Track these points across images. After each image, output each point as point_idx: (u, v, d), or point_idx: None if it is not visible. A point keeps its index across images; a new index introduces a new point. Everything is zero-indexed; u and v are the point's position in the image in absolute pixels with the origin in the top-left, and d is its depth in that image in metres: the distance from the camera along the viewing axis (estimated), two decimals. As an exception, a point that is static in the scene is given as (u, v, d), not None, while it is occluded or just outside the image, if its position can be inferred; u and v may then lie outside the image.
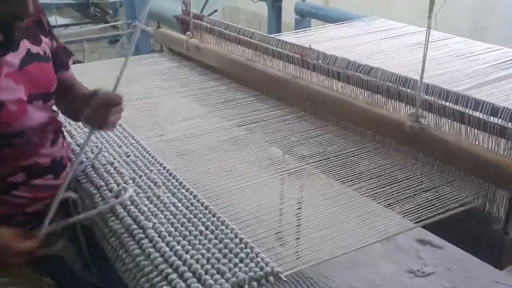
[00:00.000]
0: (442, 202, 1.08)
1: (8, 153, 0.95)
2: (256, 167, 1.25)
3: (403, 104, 1.27)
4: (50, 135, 1.03)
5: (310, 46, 1.56)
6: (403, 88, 1.26)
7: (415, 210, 1.06)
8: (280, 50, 1.59)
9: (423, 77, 1.18)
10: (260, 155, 1.30)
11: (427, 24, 1.13)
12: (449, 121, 1.17)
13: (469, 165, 1.11)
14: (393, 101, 1.29)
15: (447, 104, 1.17)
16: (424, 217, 1.04)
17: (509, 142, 1.06)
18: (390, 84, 1.28)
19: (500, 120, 1.07)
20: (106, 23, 3.67)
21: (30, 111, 0.96)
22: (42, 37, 1.02)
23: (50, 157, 1.03)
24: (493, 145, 1.09)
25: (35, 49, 0.99)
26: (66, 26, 4.29)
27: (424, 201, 1.08)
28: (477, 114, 1.11)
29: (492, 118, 1.09)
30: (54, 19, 4.24)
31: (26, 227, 0.99)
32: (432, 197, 1.10)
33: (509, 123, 1.05)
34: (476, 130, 1.11)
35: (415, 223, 1.04)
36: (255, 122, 1.47)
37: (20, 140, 0.96)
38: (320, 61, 1.46)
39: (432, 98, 1.19)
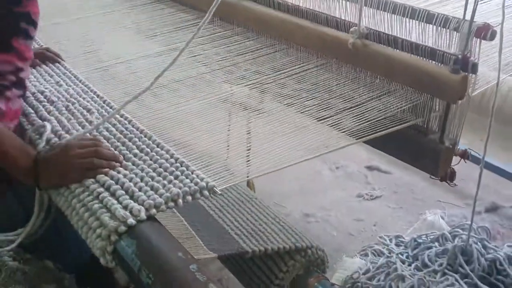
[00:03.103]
0: (383, 115, 1.10)
1: (19, 43, 0.97)
2: (196, 89, 1.24)
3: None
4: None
5: None
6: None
7: (358, 124, 1.07)
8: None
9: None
10: (205, 83, 1.28)
11: None
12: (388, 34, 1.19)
13: (408, 77, 1.13)
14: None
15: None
16: (366, 132, 1.07)
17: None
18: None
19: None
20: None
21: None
22: None
23: (28, 74, 1.04)
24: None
25: None
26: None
27: (367, 118, 1.10)
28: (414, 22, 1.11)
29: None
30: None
31: None
32: (374, 112, 1.12)
33: (443, 29, 1.07)
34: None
35: (357, 138, 1.06)
36: (199, 45, 1.44)
37: (33, 32, 1.00)
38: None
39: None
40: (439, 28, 1.09)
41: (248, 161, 0.99)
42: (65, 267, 1.06)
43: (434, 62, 1.10)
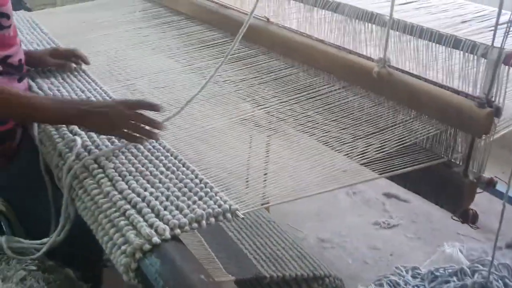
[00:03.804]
0: (407, 146, 1.11)
1: None
2: (223, 116, 1.25)
3: (371, 48, 1.28)
4: (15, 31, 1.12)
5: None
6: (372, 25, 1.26)
7: (382, 155, 1.08)
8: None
9: (392, 17, 1.18)
10: (228, 104, 1.30)
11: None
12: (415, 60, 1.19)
13: (432, 109, 1.13)
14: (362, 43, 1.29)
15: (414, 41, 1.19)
16: (389, 166, 1.07)
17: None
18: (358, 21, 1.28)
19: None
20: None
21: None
22: None
23: (19, 56, 1.12)
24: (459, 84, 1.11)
25: None
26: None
27: (391, 148, 1.11)
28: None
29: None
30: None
31: None
32: (397, 142, 1.12)
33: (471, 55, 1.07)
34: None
35: (380, 173, 1.06)
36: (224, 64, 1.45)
37: (6, 22, 1.06)
38: None
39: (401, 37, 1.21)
40: (466, 54, 1.10)
41: (266, 186, 1.00)
42: (82, 276, 1.08)
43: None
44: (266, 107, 1.28)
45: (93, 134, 1.02)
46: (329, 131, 1.16)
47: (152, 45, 1.64)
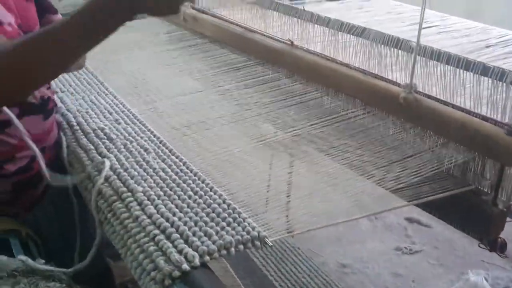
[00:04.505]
0: (434, 173, 1.09)
1: None
2: (246, 139, 1.25)
3: (397, 72, 1.27)
4: None
5: (303, 8, 1.57)
6: (398, 51, 1.26)
7: (408, 181, 1.07)
8: (276, 12, 1.60)
9: (419, 43, 1.18)
10: (251, 127, 1.30)
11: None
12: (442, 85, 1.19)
13: (461, 136, 1.12)
14: (387, 67, 1.29)
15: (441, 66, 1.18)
16: (416, 193, 1.06)
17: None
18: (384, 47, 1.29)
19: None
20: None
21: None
22: None
23: (40, 94, 1.04)
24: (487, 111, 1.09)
25: None
26: None
27: (417, 175, 1.09)
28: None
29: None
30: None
31: (17, 177, 1.01)
32: (424, 169, 1.11)
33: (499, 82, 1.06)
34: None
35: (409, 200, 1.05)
36: (248, 88, 1.48)
37: None
38: (314, 23, 1.47)
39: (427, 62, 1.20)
40: (494, 80, 1.09)
41: (294, 212, 0.99)
42: None
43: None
44: (290, 131, 1.28)
45: (121, 157, 1.03)
46: (355, 157, 1.16)
47: (178, 67, 1.67)
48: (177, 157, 1.06)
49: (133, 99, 1.40)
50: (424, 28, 1.47)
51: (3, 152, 1.00)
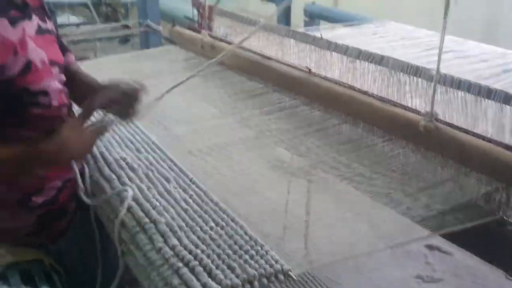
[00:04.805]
0: (457, 202, 1.08)
1: (34, 113, 0.99)
2: (264, 166, 1.26)
3: (417, 99, 1.27)
4: (66, 102, 1.08)
5: (321, 35, 1.58)
6: (418, 78, 1.26)
7: (430, 212, 1.06)
8: (294, 40, 1.61)
9: (439, 72, 1.18)
10: (269, 153, 1.30)
11: (440, 26, 1.14)
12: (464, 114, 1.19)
13: (484, 165, 1.10)
14: (406, 94, 1.30)
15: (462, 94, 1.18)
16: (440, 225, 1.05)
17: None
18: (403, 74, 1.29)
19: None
20: (117, 22, 3.70)
21: (54, 74, 1.02)
22: (46, 19, 1.09)
23: None
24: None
25: (43, 25, 1.06)
26: (78, 25, 4.32)
27: (440, 205, 1.08)
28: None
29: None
30: (66, 17, 4.27)
31: (42, 209, 1.02)
32: (446, 199, 1.10)
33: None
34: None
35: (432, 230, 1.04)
36: (266, 115, 1.48)
37: (44, 99, 1.00)
38: (332, 50, 1.48)
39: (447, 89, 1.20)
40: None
41: (316, 244, 0.98)
42: None
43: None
44: (309, 159, 1.28)
45: (144, 187, 1.03)
46: (376, 186, 1.15)
47: (196, 94, 1.68)
48: (197, 187, 1.06)
49: (153, 126, 1.42)
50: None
51: (32, 183, 1.02)
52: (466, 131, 1.17)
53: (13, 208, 1.03)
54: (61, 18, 4.50)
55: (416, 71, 1.28)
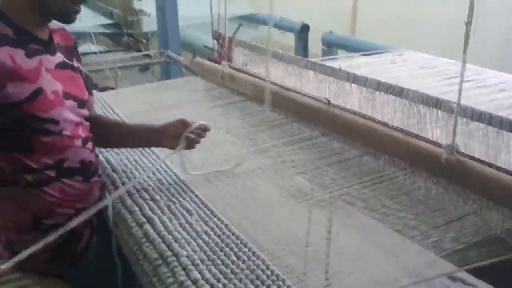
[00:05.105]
0: (481, 237, 1.07)
1: (43, 141, 1.01)
2: (285, 196, 1.26)
3: (438, 130, 1.27)
4: (81, 134, 1.10)
5: (340, 67, 1.59)
6: (438, 110, 1.26)
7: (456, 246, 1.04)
8: (313, 71, 1.63)
9: (460, 105, 1.18)
10: (289, 184, 1.31)
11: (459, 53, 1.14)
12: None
13: (507, 199, 1.09)
14: (427, 125, 1.29)
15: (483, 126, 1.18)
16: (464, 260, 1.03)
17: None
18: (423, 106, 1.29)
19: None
20: (139, 51, 3.79)
21: (66, 105, 1.05)
22: (74, 59, 1.14)
23: (80, 157, 1.09)
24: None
25: (69, 62, 1.11)
26: (100, 53, 4.44)
27: (465, 238, 1.07)
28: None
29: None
30: (88, 47, 4.39)
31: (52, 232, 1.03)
32: (471, 232, 1.08)
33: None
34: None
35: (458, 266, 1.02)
36: (286, 146, 1.49)
37: (54, 127, 1.03)
38: (351, 82, 1.49)
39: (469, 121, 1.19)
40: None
41: (339, 278, 0.97)
42: None
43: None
44: (332, 190, 1.27)
45: (165, 219, 1.04)
46: (398, 219, 1.14)
47: (215, 124, 1.70)
48: (219, 219, 1.07)
49: (174, 155, 1.43)
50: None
51: (42, 208, 1.04)
52: (489, 164, 1.16)
53: (27, 233, 1.05)
54: (83, 47, 4.64)
55: (436, 103, 1.28)
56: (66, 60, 1.10)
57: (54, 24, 1.09)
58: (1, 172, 1.00)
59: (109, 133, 1.25)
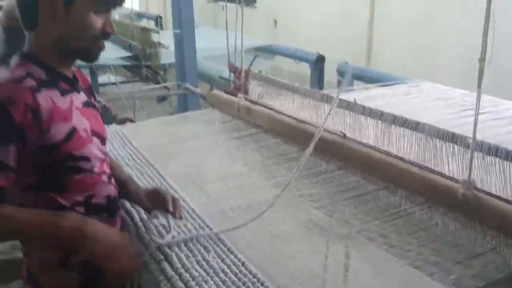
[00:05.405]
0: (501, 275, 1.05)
1: (75, 179, 1.04)
2: (302, 230, 1.26)
3: (454, 164, 1.26)
4: (106, 170, 1.12)
5: (355, 100, 1.61)
6: (454, 145, 1.26)
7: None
8: (327, 105, 1.64)
9: (475, 139, 1.18)
10: (306, 218, 1.31)
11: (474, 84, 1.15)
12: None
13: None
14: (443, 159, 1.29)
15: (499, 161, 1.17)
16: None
17: None
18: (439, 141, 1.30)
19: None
20: (157, 83, 3.88)
21: (94, 142, 1.08)
22: (92, 98, 1.17)
23: (106, 193, 1.11)
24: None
25: (90, 100, 1.14)
26: (119, 83, 4.55)
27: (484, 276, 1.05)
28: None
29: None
30: (107, 77, 4.50)
31: (81, 268, 1.05)
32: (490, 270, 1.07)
33: None
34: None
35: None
36: (303, 179, 1.49)
37: (86, 165, 1.05)
38: (367, 115, 1.51)
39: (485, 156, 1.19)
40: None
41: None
42: None
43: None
44: (349, 225, 1.26)
45: (182, 256, 1.05)
46: (415, 255, 1.13)
47: (232, 156, 1.73)
48: (235, 257, 1.07)
49: (190, 188, 1.46)
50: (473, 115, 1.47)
51: None
52: (506, 200, 1.15)
53: (53, 269, 1.06)
54: (102, 78, 4.76)
55: (452, 137, 1.28)
56: (87, 98, 1.13)
57: None
58: None
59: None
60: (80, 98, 1.09)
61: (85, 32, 1.02)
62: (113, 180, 1.15)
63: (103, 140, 1.14)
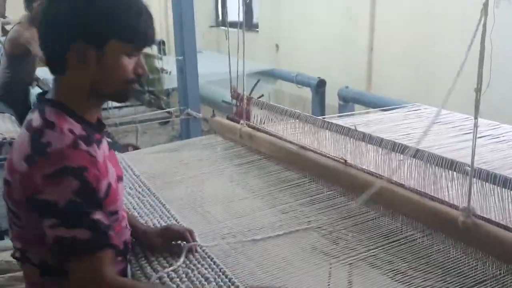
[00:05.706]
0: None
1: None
2: (303, 258, 1.26)
3: (454, 190, 1.27)
4: (124, 215, 1.12)
5: (355, 126, 1.62)
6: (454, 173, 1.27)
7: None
8: (329, 131, 1.66)
9: (473, 168, 1.19)
10: (308, 245, 1.31)
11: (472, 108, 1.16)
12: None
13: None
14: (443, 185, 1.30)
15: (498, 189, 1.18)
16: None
17: None
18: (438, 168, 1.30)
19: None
20: (160, 108, 3.91)
21: (120, 189, 1.05)
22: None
23: (124, 238, 1.10)
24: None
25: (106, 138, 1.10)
26: (121, 107, 4.58)
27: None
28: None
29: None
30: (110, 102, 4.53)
31: None
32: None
33: None
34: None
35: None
36: (305, 206, 1.50)
37: (115, 217, 1.03)
38: (367, 142, 1.52)
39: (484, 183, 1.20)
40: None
41: None
42: None
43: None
44: (351, 251, 1.27)
45: (183, 287, 1.05)
46: (418, 282, 1.13)
47: (234, 183, 1.73)
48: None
49: (193, 214, 1.46)
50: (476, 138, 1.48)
51: None
52: (506, 228, 1.15)
53: None
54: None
55: (451, 165, 1.29)
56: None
57: None
58: (45, 262, 0.98)
59: None
60: (105, 143, 1.05)
61: (118, 76, 0.97)
62: (128, 224, 1.15)
63: (121, 180, 1.11)
